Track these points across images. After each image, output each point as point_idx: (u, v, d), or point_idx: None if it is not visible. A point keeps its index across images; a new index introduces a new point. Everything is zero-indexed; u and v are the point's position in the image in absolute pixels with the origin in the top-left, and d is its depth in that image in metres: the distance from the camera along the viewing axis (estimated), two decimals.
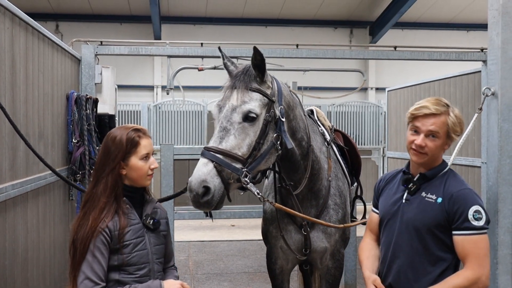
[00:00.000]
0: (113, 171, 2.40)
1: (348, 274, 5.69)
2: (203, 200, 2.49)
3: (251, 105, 2.68)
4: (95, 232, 2.31)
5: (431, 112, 2.44)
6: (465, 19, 16.32)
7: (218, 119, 2.72)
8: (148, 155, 2.48)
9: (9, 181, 3.04)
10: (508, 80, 2.98)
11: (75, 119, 4.33)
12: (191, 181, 2.49)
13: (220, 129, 2.65)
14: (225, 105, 2.72)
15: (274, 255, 3.44)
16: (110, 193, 2.39)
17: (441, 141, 2.46)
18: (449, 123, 2.45)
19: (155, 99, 15.18)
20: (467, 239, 2.35)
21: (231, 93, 2.75)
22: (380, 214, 2.71)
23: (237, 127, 2.65)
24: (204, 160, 2.54)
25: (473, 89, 6.18)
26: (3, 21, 2.99)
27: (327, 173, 3.23)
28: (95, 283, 2.26)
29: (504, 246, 2.96)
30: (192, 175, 2.52)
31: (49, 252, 3.83)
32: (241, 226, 9.66)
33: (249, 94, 2.72)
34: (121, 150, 2.41)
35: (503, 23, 2.99)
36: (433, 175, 2.51)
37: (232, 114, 2.67)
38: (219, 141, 2.61)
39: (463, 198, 2.37)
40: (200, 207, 2.53)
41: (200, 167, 2.52)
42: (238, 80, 2.77)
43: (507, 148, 2.99)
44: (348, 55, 5.85)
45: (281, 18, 15.85)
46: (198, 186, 2.47)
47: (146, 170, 2.46)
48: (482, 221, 2.34)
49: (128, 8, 14.96)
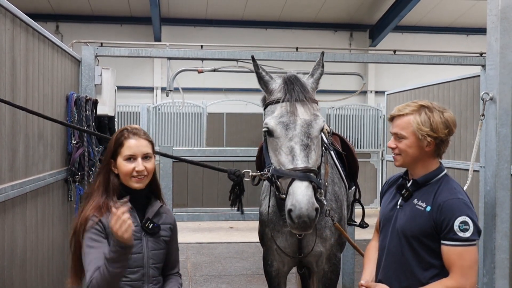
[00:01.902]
0: (105, 168, 2.47)
1: (346, 277, 5.69)
2: (313, 223, 2.48)
3: (321, 117, 2.72)
4: (87, 220, 2.34)
5: (396, 114, 2.50)
6: (465, 23, 16.36)
7: (289, 135, 2.65)
8: (134, 156, 2.43)
9: (8, 181, 3.04)
10: (507, 85, 3.00)
11: (74, 120, 4.34)
12: (302, 208, 2.44)
13: (302, 147, 2.62)
14: (295, 121, 2.67)
15: (270, 257, 3.43)
16: (103, 189, 2.44)
17: (409, 141, 2.45)
18: (414, 122, 2.43)
19: (154, 101, 15.19)
20: (452, 249, 2.33)
21: (295, 107, 2.70)
22: (379, 217, 2.73)
23: (316, 142, 2.68)
24: (305, 182, 2.51)
25: (472, 93, 6.19)
26: (3, 22, 3.00)
27: (323, 178, 3.22)
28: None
29: (502, 250, 2.97)
30: (296, 199, 2.47)
31: (47, 253, 3.83)
32: (239, 228, 9.66)
33: (313, 106, 2.73)
34: (110, 149, 2.47)
35: (502, 28, 3.01)
36: (425, 181, 2.49)
37: (310, 130, 2.66)
38: (306, 159, 2.60)
39: (451, 209, 2.34)
40: (308, 229, 2.50)
41: (305, 191, 2.48)
42: (295, 92, 2.73)
43: (504, 153, 3.01)
44: (347, 58, 5.86)
45: (281, 21, 15.88)
46: (311, 211, 2.45)
47: (129, 171, 2.41)
48: (468, 232, 2.30)
49: (128, 9, 14.98)
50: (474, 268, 2.34)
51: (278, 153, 2.68)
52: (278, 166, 2.67)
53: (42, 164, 3.73)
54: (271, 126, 2.72)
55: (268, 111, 2.85)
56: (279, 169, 2.65)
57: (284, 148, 2.65)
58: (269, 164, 2.77)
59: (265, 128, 2.74)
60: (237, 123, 12.72)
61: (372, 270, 2.69)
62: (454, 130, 2.49)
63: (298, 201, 2.45)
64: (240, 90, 14.99)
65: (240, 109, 13.97)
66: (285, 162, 2.62)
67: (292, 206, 2.48)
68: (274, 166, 2.71)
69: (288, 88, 2.75)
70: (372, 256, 2.74)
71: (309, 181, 2.52)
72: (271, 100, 2.85)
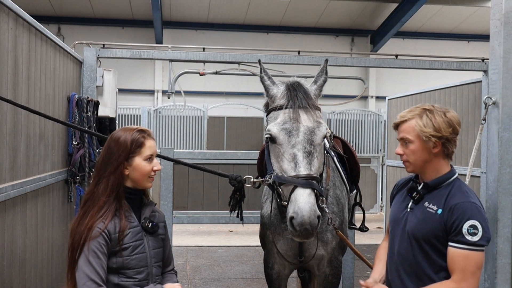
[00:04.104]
0: (116, 171, 2.39)
1: (346, 282, 5.67)
2: (315, 230, 2.47)
3: (325, 125, 2.71)
4: (91, 230, 2.29)
5: (399, 120, 2.52)
6: (466, 29, 16.39)
7: (291, 142, 2.64)
8: (152, 156, 2.47)
9: (9, 181, 3.03)
10: (510, 90, 3.00)
11: (76, 121, 4.33)
12: (304, 215, 2.42)
13: (305, 154, 2.61)
14: (298, 128, 2.66)
15: (271, 260, 3.42)
16: (110, 193, 2.38)
17: (415, 144, 2.45)
18: (416, 125, 2.44)
19: (155, 104, 15.20)
20: (457, 252, 2.32)
21: (298, 113, 2.69)
22: (389, 220, 2.72)
23: (318, 149, 2.67)
24: (307, 190, 2.50)
25: (473, 99, 6.19)
26: (6, 21, 3.00)
27: (325, 182, 3.20)
28: (97, 285, 2.23)
29: (503, 255, 2.96)
30: (298, 207, 2.45)
31: (47, 253, 3.82)
32: (239, 232, 9.64)
33: (316, 113, 2.73)
34: (125, 150, 2.41)
35: (505, 33, 3.01)
36: (437, 184, 2.48)
37: (313, 137, 2.65)
38: (309, 166, 2.59)
39: (462, 211, 2.33)
40: (310, 237, 2.49)
41: (308, 199, 2.47)
42: (298, 98, 2.72)
43: (507, 157, 3.00)
44: (349, 62, 5.85)
45: (282, 25, 15.90)
46: (314, 219, 2.44)
47: (149, 171, 2.45)
48: (476, 237, 2.29)
49: (130, 12, 15.01)
50: (477, 274, 2.32)
51: (281, 159, 2.67)
52: (280, 173, 2.66)
53: (43, 164, 3.72)
54: (274, 133, 2.70)
55: (270, 118, 2.84)
56: (281, 175, 2.64)
57: (287, 155, 2.63)
58: (271, 170, 2.75)
59: (268, 134, 2.73)
60: (238, 127, 12.72)
61: (381, 269, 2.69)
62: (458, 129, 2.49)
63: (301, 208, 2.44)
64: (241, 94, 15.01)
65: (241, 113, 13.98)
66: (288, 169, 2.61)
67: (294, 213, 2.46)
68: (276, 172, 2.69)
69: (291, 95, 2.74)
70: (382, 256, 2.76)
71: (311, 188, 2.51)
72: (274, 106, 2.84)
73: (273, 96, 2.88)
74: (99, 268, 2.26)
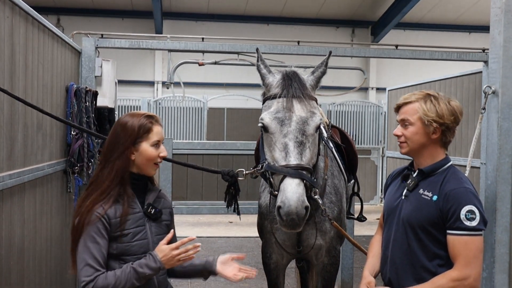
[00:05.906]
0: (122, 155, 2.38)
1: (345, 272, 5.68)
2: (302, 221, 2.46)
3: (318, 115, 2.68)
4: (90, 213, 2.29)
5: (402, 102, 2.50)
6: (467, 20, 16.30)
7: (283, 132, 2.63)
8: (159, 142, 2.45)
9: (6, 170, 3.02)
10: (509, 79, 2.98)
11: (74, 111, 4.32)
12: (291, 205, 2.41)
13: (296, 144, 2.59)
14: (291, 117, 2.64)
15: (269, 250, 3.42)
16: (114, 177, 2.36)
17: (415, 127, 2.45)
18: (420, 108, 2.43)
19: (155, 95, 15.18)
20: (457, 239, 2.32)
21: (291, 103, 2.67)
22: (384, 210, 2.71)
23: (311, 140, 2.65)
24: (296, 180, 2.49)
25: (474, 89, 6.17)
26: (2, 9, 2.97)
27: (323, 171, 3.19)
28: (95, 269, 2.23)
29: (502, 245, 2.96)
30: (286, 196, 2.44)
31: (45, 243, 3.82)
32: (238, 223, 9.64)
33: (311, 103, 2.70)
34: (132, 135, 2.39)
35: (505, 21, 2.98)
36: (432, 171, 2.48)
37: (305, 127, 2.63)
38: (300, 157, 2.57)
39: (457, 197, 2.33)
40: (296, 227, 2.49)
41: (296, 189, 2.45)
42: (292, 88, 2.70)
43: (506, 147, 2.99)
44: (349, 52, 5.82)
45: (283, 16, 15.83)
46: (301, 209, 2.42)
47: (155, 157, 2.43)
48: (474, 221, 2.30)
49: (130, 2, 14.94)
50: (479, 258, 2.33)
51: (272, 149, 2.66)
52: (272, 162, 2.66)
53: (41, 154, 3.71)
54: (266, 122, 2.70)
55: (265, 106, 2.83)
56: (272, 165, 2.63)
57: (278, 144, 2.63)
58: (264, 159, 2.76)
59: (261, 123, 2.73)
60: (238, 118, 12.71)
61: (374, 263, 2.68)
62: (460, 118, 2.48)
63: (288, 198, 2.43)
64: (241, 85, 14.97)
65: (241, 104, 13.95)
66: (279, 159, 2.60)
67: (281, 203, 2.45)
68: (268, 162, 2.69)
69: (286, 84, 2.73)
70: (375, 250, 2.74)
71: (300, 178, 2.49)
72: (268, 95, 2.83)
73: (269, 84, 2.86)
74: (97, 253, 2.25)
